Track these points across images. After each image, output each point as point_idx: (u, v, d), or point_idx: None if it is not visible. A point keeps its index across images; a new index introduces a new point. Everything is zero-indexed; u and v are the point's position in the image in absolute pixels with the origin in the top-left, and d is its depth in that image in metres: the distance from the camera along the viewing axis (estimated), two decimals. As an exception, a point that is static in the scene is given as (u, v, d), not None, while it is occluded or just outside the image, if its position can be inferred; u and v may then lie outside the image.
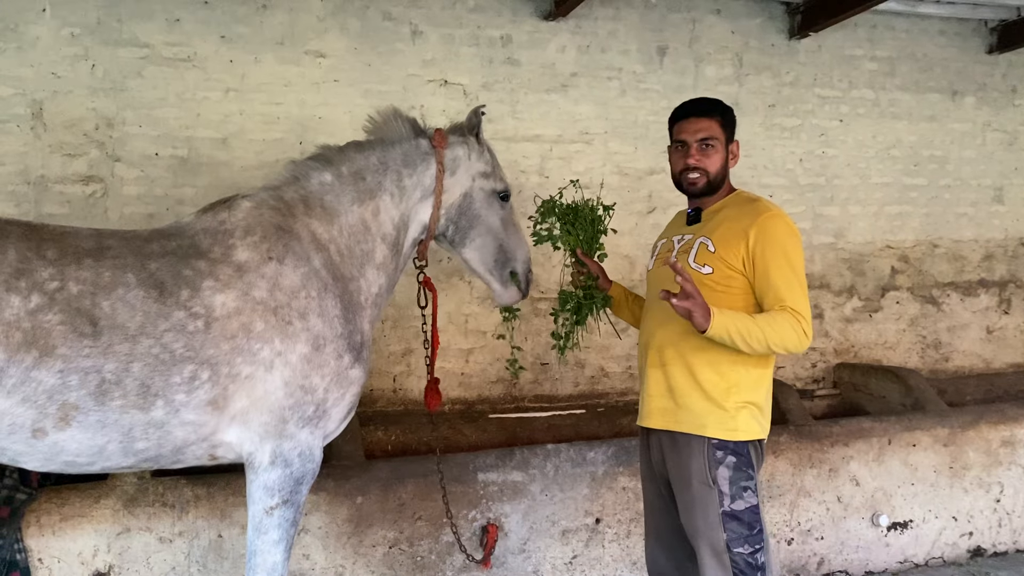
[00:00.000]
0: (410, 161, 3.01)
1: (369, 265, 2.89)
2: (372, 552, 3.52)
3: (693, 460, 2.60)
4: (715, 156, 2.72)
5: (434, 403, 3.31)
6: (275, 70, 4.45)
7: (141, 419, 2.40)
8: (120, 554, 3.20)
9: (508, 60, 4.84)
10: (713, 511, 2.57)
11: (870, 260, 5.75)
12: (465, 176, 3.09)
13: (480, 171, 3.13)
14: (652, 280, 2.94)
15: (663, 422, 2.71)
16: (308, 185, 2.86)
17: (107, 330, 2.35)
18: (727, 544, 2.55)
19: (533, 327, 4.89)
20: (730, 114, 2.80)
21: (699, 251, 2.69)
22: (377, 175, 2.95)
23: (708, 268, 2.64)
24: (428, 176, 3.02)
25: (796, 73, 5.51)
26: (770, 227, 2.58)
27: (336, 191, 2.87)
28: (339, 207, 2.86)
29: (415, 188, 3.01)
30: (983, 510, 4.64)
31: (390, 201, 2.96)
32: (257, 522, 2.62)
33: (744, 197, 2.78)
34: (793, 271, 2.54)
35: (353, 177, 2.91)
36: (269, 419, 2.56)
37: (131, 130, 4.25)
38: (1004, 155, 6.06)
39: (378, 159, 2.97)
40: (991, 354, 6.05)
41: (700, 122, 2.73)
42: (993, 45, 5.95)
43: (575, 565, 3.87)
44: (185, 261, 2.54)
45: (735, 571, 2.55)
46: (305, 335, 2.59)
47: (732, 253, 2.61)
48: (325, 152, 2.98)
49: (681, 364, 2.66)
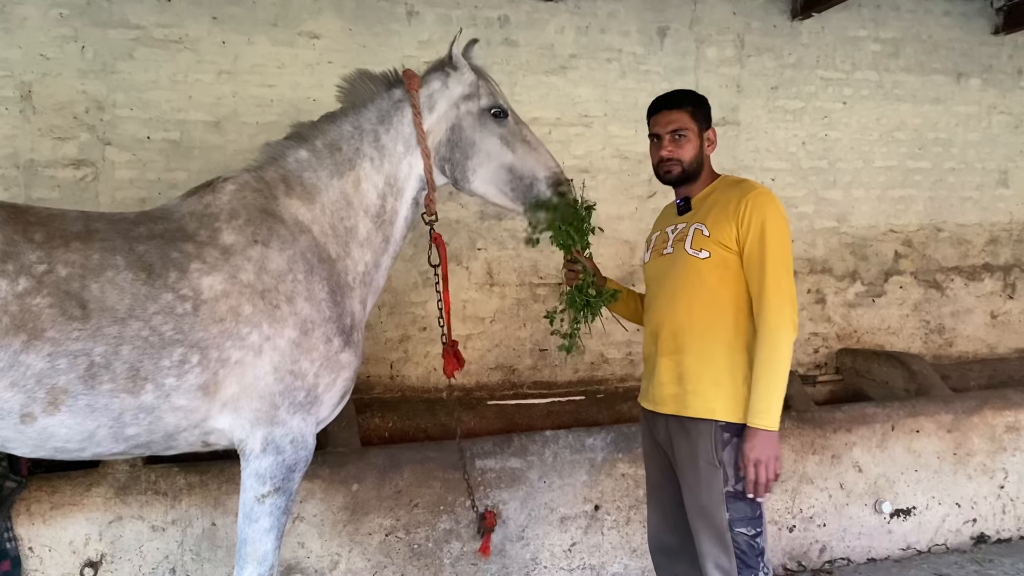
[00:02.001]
0: (385, 116, 2.82)
1: (353, 242, 2.79)
2: (368, 540, 3.48)
3: (701, 441, 2.61)
4: (687, 145, 2.77)
5: (451, 368, 3.08)
6: (268, 52, 4.37)
7: (131, 403, 2.36)
8: (112, 543, 3.16)
9: (506, 41, 4.76)
10: (717, 490, 2.57)
11: (873, 244, 5.68)
12: (447, 107, 2.85)
13: (461, 94, 2.87)
14: (650, 272, 2.92)
15: (674, 408, 2.71)
16: (286, 164, 2.76)
17: (96, 313, 2.31)
18: (729, 523, 2.56)
19: (532, 312, 4.83)
20: (702, 103, 2.83)
21: (695, 237, 2.71)
22: (353, 142, 2.79)
23: (705, 253, 2.66)
24: (406, 124, 2.82)
25: (799, 55, 5.43)
26: (758, 204, 2.60)
27: (314, 167, 2.76)
28: (319, 184, 2.75)
29: (396, 142, 2.82)
30: (987, 497, 4.59)
31: (371, 167, 2.80)
32: (248, 510, 2.57)
33: (730, 180, 2.82)
34: (779, 248, 2.57)
35: (329, 149, 2.78)
36: (260, 405, 2.51)
37: (122, 113, 4.18)
38: (1009, 138, 5.98)
39: (352, 125, 2.81)
40: (995, 339, 5.99)
41: (671, 114, 2.78)
42: (999, 26, 5.86)
43: (574, 552, 3.82)
44: (172, 244, 2.49)
45: (737, 552, 2.56)
46: (293, 319, 2.54)
47: (725, 234, 2.63)
48: (299, 129, 2.85)
49: (690, 351, 2.67)
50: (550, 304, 4.86)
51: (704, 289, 2.65)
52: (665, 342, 2.74)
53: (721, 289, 2.63)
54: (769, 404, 2.49)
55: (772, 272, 2.54)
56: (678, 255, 2.73)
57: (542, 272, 4.81)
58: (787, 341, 2.51)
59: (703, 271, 2.64)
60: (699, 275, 2.65)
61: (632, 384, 5.03)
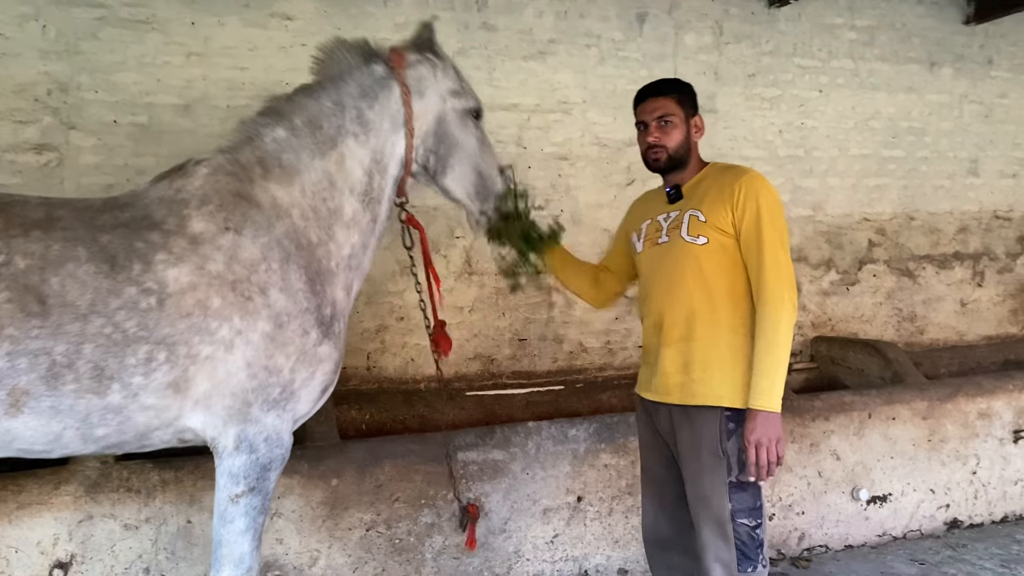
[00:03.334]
0: (368, 92, 2.70)
1: (338, 224, 2.65)
2: (348, 535, 3.41)
3: (705, 430, 2.59)
4: (674, 132, 2.76)
5: (447, 347, 3.04)
6: (240, 33, 4.24)
7: (98, 404, 2.23)
8: (83, 542, 3.05)
9: (484, 25, 4.67)
10: (720, 480, 2.55)
11: (848, 233, 5.71)
12: (435, 97, 2.80)
13: (450, 89, 2.83)
14: (646, 262, 2.87)
15: (679, 397, 2.68)
16: (263, 144, 2.60)
17: (56, 309, 2.16)
18: (732, 514, 2.53)
19: (511, 302, 4.78)
20: (687, 90, 2.82)
21: (691, 223, 2.68)
22: (334, 118, 2.66)
23: (703, 239, 2.64)
24: (393, 102, 2.71)
25: (776, 42, 5.41)
26: (752, 187, 2.60)
27: (293, 147, 2.61)
28: (299, 164, 2.61)
29: (382, 119, 2.72)
30: (960, 482, 4.65)
31: (355, 143, 2.68)
32: (222, 510, 2.45)
33: (721, 166, 2.81)
34: (775, 230, 2.56)
35: (309, 127, 2.63)
36: (232, 402, 2.40)
37: (87, 96, 4.02)
38: (980, 127, 6.04)
39: (332, 100, 2.67)
40: (965, 326, 6.07)
41: (657, 101, 2.78)
42: (970, 15, 5.91)
43: (556, 544, 3.79)
44: (138, 233, 2.34)
45: (737, 542, 2.53)
46: (266, 312, 2.41)
47: (721, 218, 2.62)
48: (274, 105, 2.69)
49: (703, 336, 2.64)
50: (529, 293, 4.81)
51: (704, 275, 2.62)
52: (669, 331, 2.70)
53: (721, 274, 2.61)
54: (771, 385, 2.46)
55: (770, 253, 2.53)
56: (675, 243, 2.70)
57: (521, 262, 4.76)
58: (788, 322, 2.49)
59: (701, 257, 2.62)
60: (698, 262, 2.63)
61: (611, 374, 5.01)
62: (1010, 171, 6.16)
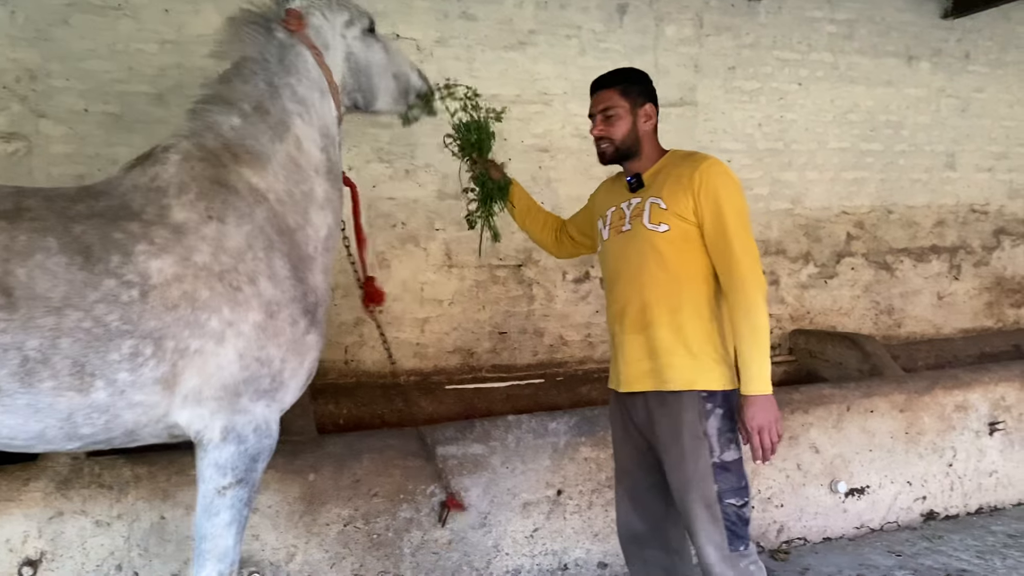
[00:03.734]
0: (289, 65, 2.64)
1: (312, 207, 2.61)
2: (326, 531, 3.37)
3: (685, 413, 2.58)
4: (618, 123, 2.77)
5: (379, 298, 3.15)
6: (215, 21, 4.12)
7: (81, 402, 2.15)
8: (52, 539, 2.99)
9: (464, 15, 4.62)
10: (704, 462, 2.54)
11: (826, 226, 5.73)
12: (337, 39, 2.77)
13: (343, 22, 2.79)
14: (610, 250, 2.86)
15: (650, 384, 2.67)
16: (223, 132, 2.53)
17: (24, 301, 2.08)
18: (719, 495, 2.53)
19: (491, 295, 4.74)
20: (634, 79, 2.82)
21: (652, 211, 2.68)
22: (276, 101, 2.59)
23: (664, 226, 2.64)
24: (312, 68, 2.68)
25: (756, 35, 5.41)
26: (711, 174, 2.60)
27: (252, 133, 2.55)
28: (264, 150, 2.54)
29: (312, 91, 2.67)
30: (936, 475, 4.68)
31: (303, 123, 2.64)
32: (207, 503, 2.39)
33: (680, 154, 2.81)
34: (738, 215, 2.58)
35: (258, 112, 2.56)
36: (222, 395, 2.34)
37: (57, 83, 3.93)
38: (957, 121, 6.08)
39: (264, 81, 2.59)
40: (941, 320, 6.11)
41: (601, 95, 2.82)
42: (948, 10, 5.94)
43: (536, 538, 3.77)
44: (115, 223, 2.27)
45: (727, 523, 2.53)
46: (256, 301, 2.36)
47: (682, 205, 2.62)
48: (215, 92, 2.59)
49: (660, 324, 2.64)
50: (510, 286, 4.78)
51: (666, 262, 2.63)
52: (632, 320, 2.71)
53: (683, 261, 2.62)
54: (760, 369, 2.48)
55: (736, 239, 2.54)
56: (637, 231, 2.70)
57: (502, 254, 4.72)
58: (762, 302, 2.51)
59: (663, 244, 2.63)
60: (660, 249, 2.64)
61: (591, 367, 4.99)
62: (986, 165, 6.21)
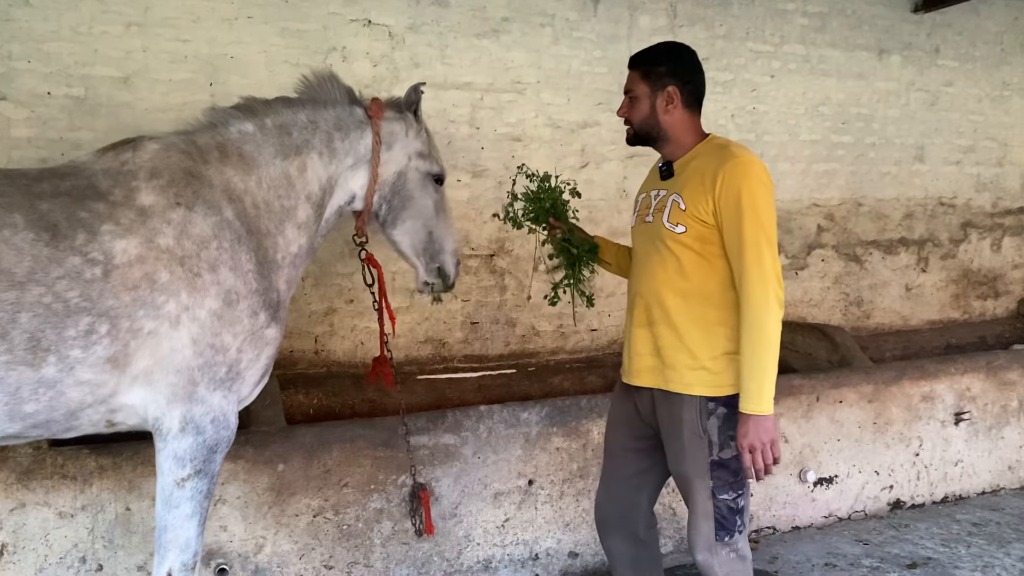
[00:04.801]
0: (343, 126, 2.89)
1: (290, 222, 2.73)
2: (295, 522, 3.33)
3: (685, 412, 2.59)
4: (637, 107, 2.71)
5: (388, 382, 3.28)
6: (183, 4, 4.07)
7: (30, 377, 2.17)
8: (14, 531, 2.93)
9: (436, 1, 4.56)
10: (702, 459, 2.57)
11: (797, 218, 5.76)
12: (401, 153, 2.99)
13: (417, 150, 3.03)
14: (635, 238, 2.84)
15: (652, 381, 2.68)
16: (226, 132, 2.68)
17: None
18: (713, 491, 2.57)
19: (463, 285, 4.71)
20: (659, 60, 2.72)
21: (672, 210, 2.59)
22: (305, 132, 2.80)
23: (681, 227, 2.56)
24: (363, 145, 2.91)
25: (729, 26, 5.41)
26: (734, 176, 2.44)
27: (257, 142, 2.70)
28: (259, 158, 2.68)
29: (347, 154, 2.89)
30: (903, 464, 4.74)
31: (318, 160, 2.82)
32: (167, 495, 2.43)
33: (715, 144, 2.65)
34: (756, 221, 2.41)
35: (278, 130, 2.75)
36: (177, 380, 2.35)
37: (18, 65, 3.83)
38: (926, 115, 6.13)
39: (307, 117, 2.83)
40: (909, 311, 6.18)
41: (629, 75, 2.78)
42: (919, 4, 5.97)
43: (507, 528, 3.76)
44: (81, 203, 2.29)
45: (717, 516, 2.57)
46: (215, 289, 2.40)
47: (701, 208, 2.51)
48: (250, 102, 2.81)
49: (666, 324, 2.62)
50: (482, 276, 4.75)
51: (680, 264, 2.57)
52: (640, 314, 2.71)
53: (698, 265, 2.55)
54: (759, 388, 2.41)
55: (751, 251, 2.40)
56: (656, 226, 2.65)
57: (473, 243, 4.69)
58: (773, 320, 2.40)
59: (679, 245, 2.56)
60: (674, 249, 2.58)
61: (563, 357, 4.99)
62: (954, 159, 6.28)
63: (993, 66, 6.34)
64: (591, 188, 4.87)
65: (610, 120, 5.01)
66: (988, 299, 6.53)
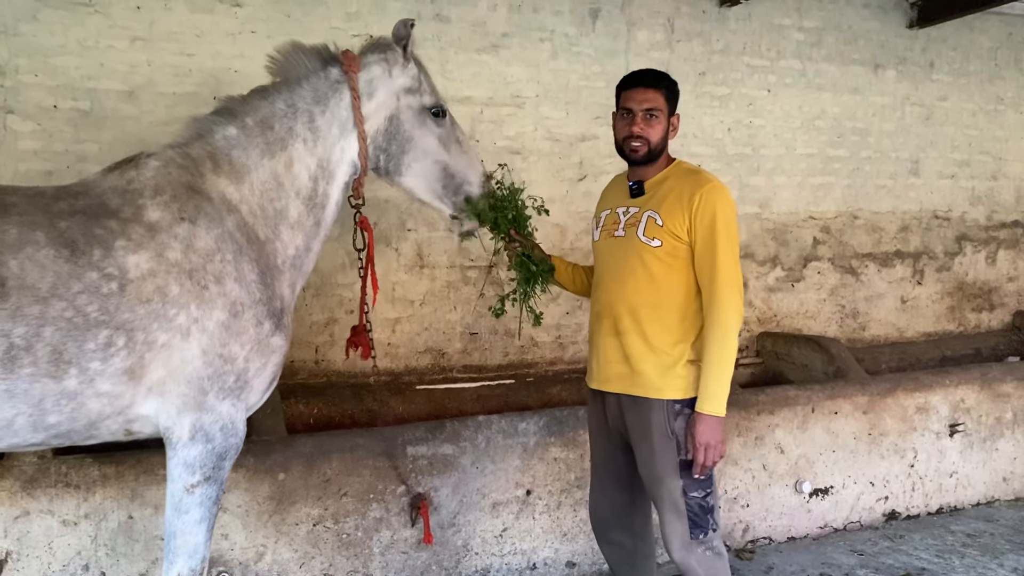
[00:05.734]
0: (321, 96, 2.75)
1: (283, 224, 2.70)
2: (295, 530, 3.37)
3: (653, 415, 2.72)
4: (657, 127, 2.78)
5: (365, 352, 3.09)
6: (187, 18, 4.14)
7: (53, 389, 2.22)
8: (19, 539, 2.97)
9: (437, 16, 4.64)
10: (671, 460, 2.69)
11: (793, 230, 5.81)
12: (387, 96, 2.82)
13: (404, 87, 2.85)
14: (601, 251, 2.95)
15: (621, 387, 2.81)
16: (213, 141, 2.65)
17: (16, 291, 2.16)
18: (683, 489, 2.69)
19: (463, 295, 4.76)
20: (675, 88, 2.87)
21: (648, 225, 2.75)
22: (286, 120, 2.70)
23: (657, 241, 2.73)
24: (343, 107, 2.76)
25: (726, 41, 5.48)
26: (711, 199, 2.68)
27: (243, 145, 2.66)
28: (248, 163, 2.65)
29: (331, 125, 2.76)
30: (898, 475, 4.78)
31: (303, 148, 2.72)
32: (177, 501, 2.47)
33: (684, 168, 2.85)
34: (729, 242, 2.66)
35: (260, 127, 2.68)
36: (187, 390, 2.41)
37: (25, 79, 3.89)
38: (921, 129, 6.20)
39: (285, 103, 2.72)
40: (904, 323, 6.23)
41: (647, 92, 2.78)
42: (913, 20, 6.05)
43: (505, 538, 3.80)
44: (96, 220, 2.36)
45: (689, 515, 2.69)
46: (222, 300, 2.45)
47: (678, 224, 2.70)
48: (228, 104, 2.75)
49: (637, 333, 2.76)
50: (480, 286, 4.80)
51: (653, 276, 2.73)
52: (611, 324, 2.81)
53: (669, 277, 2.72)
54: (719, 391, 2.60)
55: (723, 265, 2.63)
56: (630, 240, 2.78)
57: (473, 254, 4.74)
58: (735, 330, 2.63)
59: (653, 259, 2.72)
60: (648, 262, 2.73)
61: (561, 368, 5.03)
62: (949, 172, 6.34)
63: (987, 81, 6.41)
64: (589, 200, 4.92)
65: (608, 133, 5.02)
66: (983, 311, 6.58)
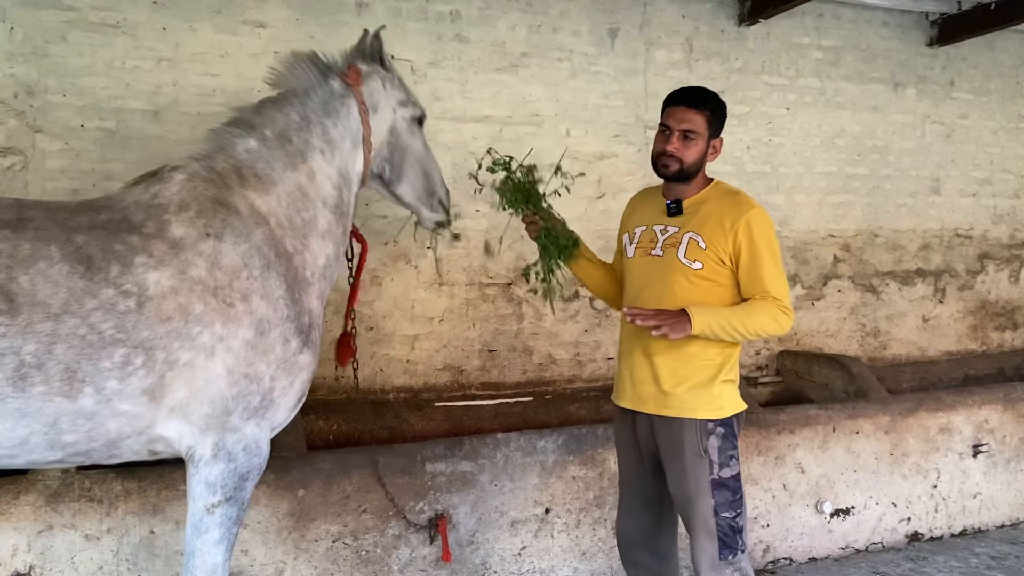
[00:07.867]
0: (331, 109, 2.81)
1: (313, 235, 2.70)
2: (315, 547, 3.38)
3: (686, 434, 2.71)
4: (693, 148, 2.77)
5: (345, 358, 3.26)
6: (212, 39, 4.21)
7: (68, 408, 2.20)
8: (42, 553, 2.99)
9: (457, 37, 4.68)
10: (704, 479, 2.69)
11: (813, 249, 5.79)
12: (387, 109, 2.95)
13: (399, 100, 3.00)
14: (635, 269, 2.92)
15: (655, 407, 2.79)
16: (236, 154, 2.65)
17: (26, 307, 2.14)
18: (715, 509, 2.68)
19: (481, 313, 4.78)
20: (720, 110, 2.85)
21: (690, 247, 2.75)
22: (302, 133, 2.75)
23: (699, 264, 2.72)
24: (353, 120, 2.85)
25: (745, 60, 5.49)
26: (755, 223, 2.70)
27: (266, 158, 2.67)
28: (273, 175, 2.66)
29: (344, 138, 2.83)
30: (920, 496, 4.72)
31: (322, 159, 2.77)
32: (197, 520, 2.44)
33: (724, 189, 2.86)
34: (776, 264, 2.70)
35: (279, 140, 2.71)
36: (211, 411, 2.38)
37: (54, 99, 3.97)
38: (941, 147, 6.17)
39: (299, 115, 2.77)
40: (926, 342, 6.17)
41: (688, 113, 2.77)
42: (933, 38, 6.04)
43: (524, 556, 3.78)
44: (116, 235, 2.34)
45: (719, 535, 2.68)
46: (248, 319, 2.42)
47: (721, 249, 2.71)
48: (242, 116, 2.76)
49: (669, 356, 2.75)
50: (499, 304, 4.82)
51: (694, 299, 2.70)
52: (651, 343, 2.76)
53: (706, 298, 2.70)
54: (714, 321, 2.59)
55: (769, 272, 2.67)
56: (669, 260, 2.76)
57: (492, 272, 4.76)
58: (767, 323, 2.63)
59: (694, 281, 2.72)
60: (690, 284, 2.72)
61: (580, 385, 5.02)
62: (970, 190, 6.30)
63: (1008, 99, 6.38)
64: (608, 219, 4.95)
65: (626, 152, 5.10)
66: (1006, 330, 6.51)
